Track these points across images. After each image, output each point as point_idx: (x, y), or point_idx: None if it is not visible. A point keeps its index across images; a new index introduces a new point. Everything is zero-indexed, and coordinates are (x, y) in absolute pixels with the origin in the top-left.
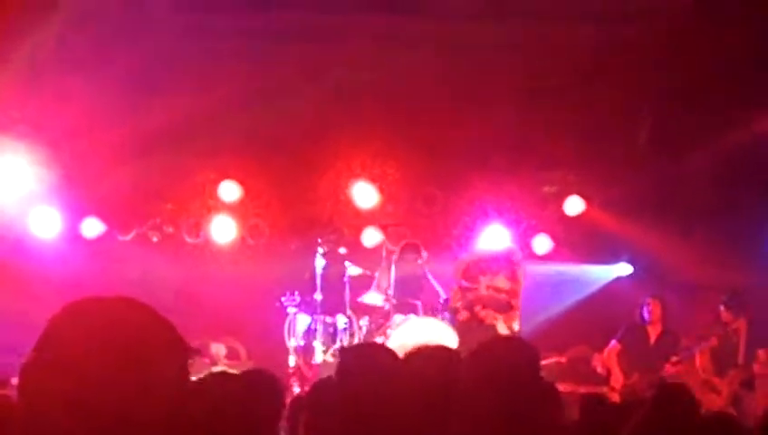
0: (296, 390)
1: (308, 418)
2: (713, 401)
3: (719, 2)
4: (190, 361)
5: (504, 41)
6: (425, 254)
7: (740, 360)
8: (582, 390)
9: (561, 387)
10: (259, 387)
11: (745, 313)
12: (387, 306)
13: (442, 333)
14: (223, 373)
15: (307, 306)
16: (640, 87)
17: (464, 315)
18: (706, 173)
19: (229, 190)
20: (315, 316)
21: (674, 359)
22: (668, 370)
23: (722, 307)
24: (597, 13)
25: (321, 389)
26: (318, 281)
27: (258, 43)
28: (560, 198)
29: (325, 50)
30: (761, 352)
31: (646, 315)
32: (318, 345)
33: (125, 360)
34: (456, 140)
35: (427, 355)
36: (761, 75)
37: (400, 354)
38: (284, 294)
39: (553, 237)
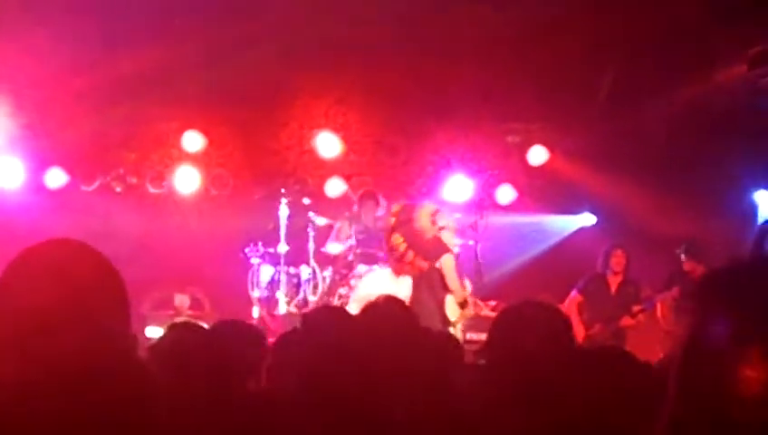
0: None
1: (271, 368)
2: None
3: None
4: (153, 313)
5: None
6: (383, 202)
7: None
8: None
9: None
10: (231, 338)
11: (705, 261)
12: (350, 256)
13: (405, 284)
14: (186, 324)
15: (270, 257)
16: (602, 39)
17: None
18: (666, 125)
19: (192, 140)
20: (279, 267)
21: (635, 309)
22: (629, 320)
23: (682, 255)
24: None
25: (286, 341)
26: (282, 232)
27: None
28: (523, 147)
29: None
30: None
31: (612, 265)
32: (281, 296)
33: (65, 308)
34: (419, 90)
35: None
36: (718, 30)
37: (363, 304)
38: (248, 245)
39: (517, 187)
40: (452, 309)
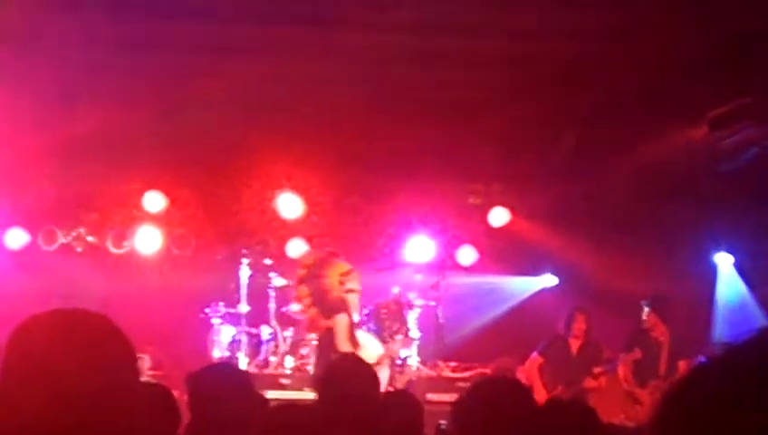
0: None
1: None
2: (636, 412)
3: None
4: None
5: (426, 53)
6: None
7: (662, 370)
8: None
9: None
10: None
11: (668, 318)
12: None
13: (366, 344)
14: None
15: (231, 317)
16: (563, 100)
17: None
18: (627, 186)
19: (154, 200)
20: (239, 327)
21: (597, 371)
22: (591, 382)
23: (645, 308)
24: (519, 28)
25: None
26: (243, 292)
27: (178, 55)
28: (484, 209)
29: (245, 62)
30: (681, 363)
31: (573, 329)
32: (242, 357)
33: (85, 369)
34: (380, 151)
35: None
36: (679, 92)
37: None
38: (209, 305)
39: (478, 249)
40: None
